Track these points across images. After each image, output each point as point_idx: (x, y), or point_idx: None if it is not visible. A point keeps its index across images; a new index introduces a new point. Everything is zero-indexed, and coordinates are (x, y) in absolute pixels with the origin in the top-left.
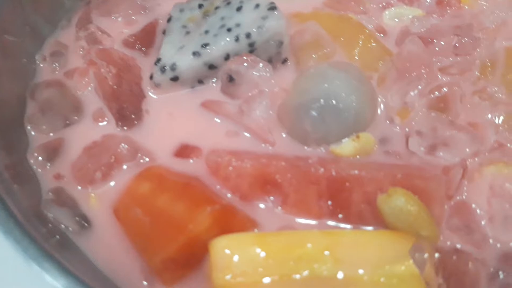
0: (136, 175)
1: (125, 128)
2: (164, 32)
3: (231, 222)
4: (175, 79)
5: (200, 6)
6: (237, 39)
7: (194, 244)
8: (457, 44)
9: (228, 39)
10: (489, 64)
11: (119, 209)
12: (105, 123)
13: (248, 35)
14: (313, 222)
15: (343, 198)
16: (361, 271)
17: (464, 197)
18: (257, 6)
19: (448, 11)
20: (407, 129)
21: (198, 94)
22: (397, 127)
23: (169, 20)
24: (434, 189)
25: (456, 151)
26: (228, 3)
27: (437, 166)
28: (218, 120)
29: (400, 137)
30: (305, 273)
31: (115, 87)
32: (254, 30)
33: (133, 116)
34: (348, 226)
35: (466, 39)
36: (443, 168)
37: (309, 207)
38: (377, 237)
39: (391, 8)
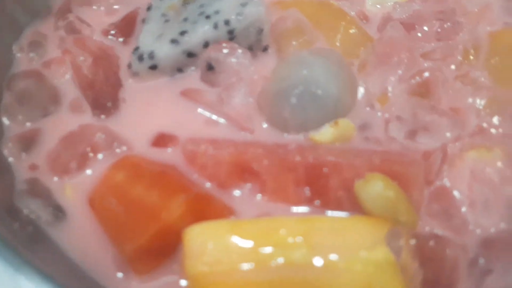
0: (112, 164)
1: (102, 117)
2: (144, 21)
3: (206, 210)
4: (153, 67)
5: None
6: (216, 26)
7: (167, 233)
8: (439, 29)
9: (206, 26)
10: (472, 49)
11: (94, 199)
12: (82, 112)
13: (227, 22)
14: (291, 209)
15: (321, 184)
16: (336, 258)
17: (444, 182)
18: None
19: None
20: (387, 115)
21: (177, 82)
22: (378, 113)
23: (148, 8)
24: (413, 174)
25: (437, 136)
26: None
27: (418, 152)
28: (198, 109)
29: (380, 123)
30: (280, 260)
31: (91, 76)
32: (233, 17)
33: (109, 105)
34: (326, 212)
35: (449, 24)
36: (423, 153)
37: (287, 194)
38: (354, 223)
39: None
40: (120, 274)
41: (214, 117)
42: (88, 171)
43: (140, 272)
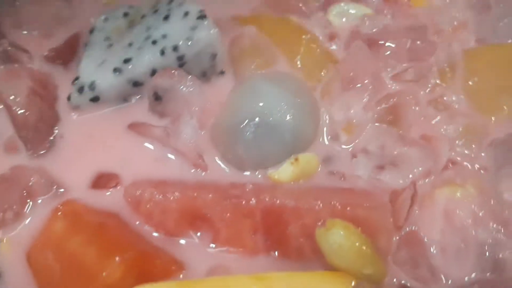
0: (51, 211)
1: (37, 155)
2: (86, 45)
3: (150, 267)
4: (95, 99)
5: (126, 14)
6: (163, 53)
7: None
8: (411, 48)
9: (153, 53)
10: (447, 70)
11: (31, 253)
12: (16, 152)
13: (175, 48)
14: (247, 259)
15: (280, 232)
16: None
17: (414, 228)
18: (186, 14)
19: (399, 11)
20: (352, 148)
21: (122, 113)
22: (342, 146)
23: (91, 31)
24: (379, 219)
25: (406, 171)
26: (156, 11)
27: (385, 190)
28: (145, 143)
29: (345, 156)
30: None
31: (22, 115)
32: (182, 42)
33: (45, 143)
34: (286, 263)
35: (421, 42)
36: (391, 192)
37: (243, 243)
38: (314, 280)
39: (337, 4)
40: None
41: (164, 153)
42: (27, 220)
43: None
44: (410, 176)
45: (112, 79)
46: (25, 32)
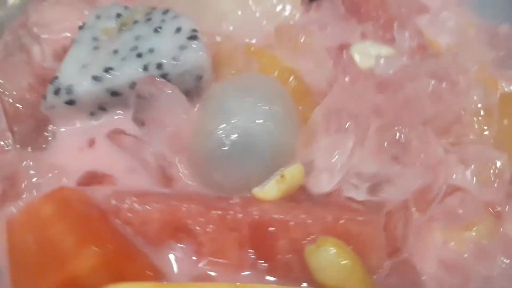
0: (45, 194)
1: (27, 149)
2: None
3: (128, 268)
4: (71, 102)
5: (119, 15)
6: (146, 68)
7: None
8: (433, 90)
9: (135, 66)
10: (478, 112)
11: (14, 225)
12: (5, 146)
13: (159, 66)
14: (232, 274)
15: (267, 246)
16: None
17: (407, 255)
18: (178, 30)
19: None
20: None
21: (105, 121)
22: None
23: (81, 27)
24: (371, 235)
25: (403, 188)
26: (149, 19)
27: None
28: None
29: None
30: None
31: (16, 105)
32: (166, 60)
33: (35, 139)
34: (272, 279)
35: (446, 83)
36: (386, 213)
37: (228, 258)
38: None
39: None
40: None
41: (136, 163)
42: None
43: None
44: (406, 193)
45: (90, 86)
46: (46, 33)
